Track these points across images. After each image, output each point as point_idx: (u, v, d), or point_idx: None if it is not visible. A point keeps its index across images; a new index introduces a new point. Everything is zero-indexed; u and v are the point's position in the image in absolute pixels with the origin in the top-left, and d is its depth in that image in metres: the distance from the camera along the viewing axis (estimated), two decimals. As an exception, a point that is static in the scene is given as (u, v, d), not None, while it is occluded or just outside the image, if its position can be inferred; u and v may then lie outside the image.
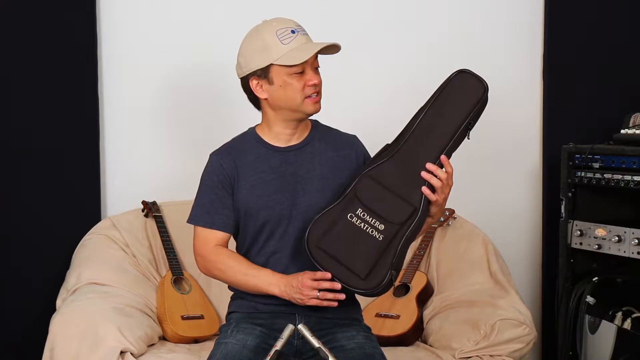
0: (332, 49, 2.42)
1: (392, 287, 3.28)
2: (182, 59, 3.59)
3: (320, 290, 2.32)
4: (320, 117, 2.59)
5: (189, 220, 2.52)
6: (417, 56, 3.70)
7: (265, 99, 2.44)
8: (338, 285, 2.32)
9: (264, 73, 2.41)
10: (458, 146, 2.42)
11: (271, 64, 2.39)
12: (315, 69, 2.43)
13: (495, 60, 3.76)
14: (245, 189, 2.45)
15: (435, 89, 2.44)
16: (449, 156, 2.38)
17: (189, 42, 3.58)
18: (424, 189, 2.33)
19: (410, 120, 2.42)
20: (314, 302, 2.33)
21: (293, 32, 2.39)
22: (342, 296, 2.34)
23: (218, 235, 2.47)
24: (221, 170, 2.46)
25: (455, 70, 2.43)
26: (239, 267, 2.44)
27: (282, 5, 3.51)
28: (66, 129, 3.46)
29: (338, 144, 2.52)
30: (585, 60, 3.70)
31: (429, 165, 2.35)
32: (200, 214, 2.49)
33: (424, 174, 2.34)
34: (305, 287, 2.32)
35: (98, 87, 3.49)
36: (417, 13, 3.71)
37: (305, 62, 2.38)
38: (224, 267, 2.45)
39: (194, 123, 3.63)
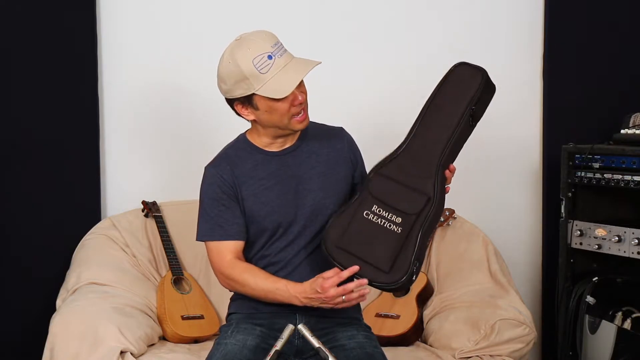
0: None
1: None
2: (182, 60, 3.59)
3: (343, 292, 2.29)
4: (319, 117, 2.59)
5: (200, 238, 2.47)
6: (417, 56, 3.70)
7: (253, 120, 2.41)
8: (365, 281, 2.29)
9: (247, 100, 2.35)
10: (467, 135, 2.45)
11: (254, 94, 2.33)
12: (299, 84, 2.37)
13: (495, 60, 3.74)
14: (248, 198, 2.44)
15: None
16: (459, 147, 2.42)
17: (189, 43, 3.58)
18: (447, 172, 2.40)
19: (415, 121, 2.45)
20: (342, 305, 2.31)
21: (270, 57, 2.30)
22: (367, 290, 2.30)
23: (233, 245, 2.44)
24: (222, 181, 2.43)
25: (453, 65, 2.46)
26: (255, 281, 2.40)
27: (283, 7, 3.53)
28: (66, 129, 3.46)
29: (330, 139, 2.52)
30: (585, 60, 3.70)
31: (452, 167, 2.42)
32: (211, 228, 2.44)
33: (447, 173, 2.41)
34: (329, 297, 2.29)
35: (98, 88, 3.49)
36: (416, 13, 3.71)
37: None
38: (241, 282, 2.41)
39: (194, 123, 3.62)
